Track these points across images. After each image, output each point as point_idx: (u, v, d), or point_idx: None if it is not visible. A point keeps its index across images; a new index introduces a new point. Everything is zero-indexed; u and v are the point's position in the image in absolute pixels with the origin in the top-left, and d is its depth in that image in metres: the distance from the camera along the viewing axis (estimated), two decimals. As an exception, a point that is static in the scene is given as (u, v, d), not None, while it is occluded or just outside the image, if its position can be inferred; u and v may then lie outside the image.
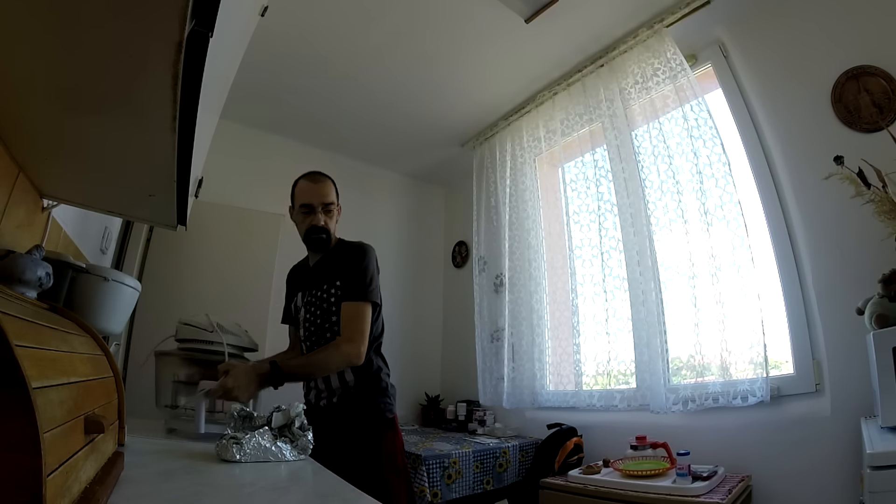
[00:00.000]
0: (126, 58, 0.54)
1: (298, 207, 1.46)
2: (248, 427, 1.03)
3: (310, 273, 1.53)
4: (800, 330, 1.78)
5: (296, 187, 1.49)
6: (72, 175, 0.96)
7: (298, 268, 1.64)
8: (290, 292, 1.61)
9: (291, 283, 1.64)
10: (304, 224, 1.45)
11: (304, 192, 1.46)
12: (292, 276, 1.66)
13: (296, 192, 1.48)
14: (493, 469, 2.31)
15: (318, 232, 1.43)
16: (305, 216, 1.44)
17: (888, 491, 0.95)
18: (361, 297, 1.37)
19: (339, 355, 1.30)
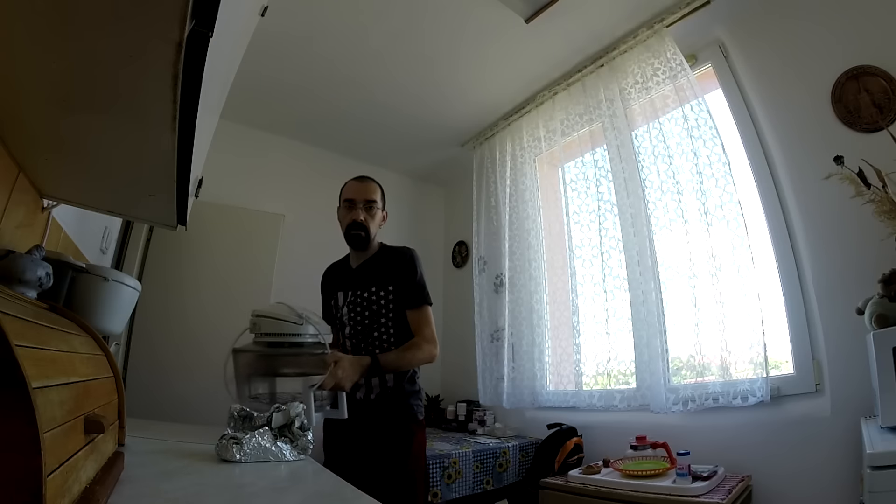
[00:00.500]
0: (126, 58, 0.54)
1: (342, 203, 1.53)
2: (248, 427, 1.03)
3: (353, 274, 1.56)
4: (800, 330, 1.78)
5: (343, 186, 1.58)
6: (72, 175, 0.96)
7: (337, 268, 1.65)
8: (329, 291, 1.62)
9: (330, 283, 1.64)
10: (346, 219, 1.51)
11: (349, 188, 1.54)
12: (331, 276, 1.66)
13: (342, 190, 1.57)
14: (493, 469, 2.31)
15: (357, 228, 1.49)
16: (347, 211, 1.50)
17: (888, 491, 0.95)
18: (424, 301, 1.50)
19: (425, 354, 1.42)
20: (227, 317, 2.64)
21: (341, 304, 1.54)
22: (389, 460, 1.34)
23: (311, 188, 3.44)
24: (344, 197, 1.54)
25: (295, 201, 3.30)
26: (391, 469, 1.33)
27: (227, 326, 2.81)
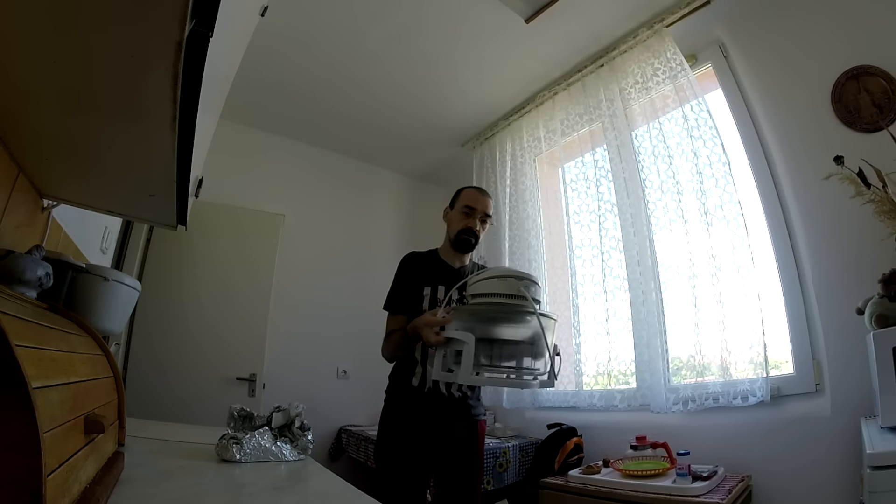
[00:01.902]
0: (126, 58, 0.54)
1: (461, 207, 1.57)
2: (248, 427, 1.03)
3: (455, 274, 1.56)
4: (800, 330, 1.78)
5: (462, 191, 1.63)
6: (72, 175, 0.96)
7: (430, 261, 1.60)
8: (420, 281, 1.54)
9: (423, 273, 1.56)
10: (462, 223, 1.55)
11: (471, 196, 1.59)
12: (423, 266, 1.58)
13: (461, 194, 1.62)
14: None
15: (471, 234, 1.55)
16: (465, 217, 1.56)
17: (888, 491, 0.95)
18: None
19: None
20: (226, 317, 2.67)
21: (442, 297, 1.51)
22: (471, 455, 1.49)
23: (312, 188, 3.44)
24: (463, 203, 1.58)
25: (295, 201, 3.30)
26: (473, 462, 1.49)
27: (227, 326, 2.83)
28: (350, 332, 3.35)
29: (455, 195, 1.65)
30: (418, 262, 1.60)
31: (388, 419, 1.49)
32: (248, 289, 2.76)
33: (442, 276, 1.55)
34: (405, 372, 1.48)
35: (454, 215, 1.60)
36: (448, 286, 1.51)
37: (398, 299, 1.54)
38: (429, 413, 1.44)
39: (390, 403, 1.51)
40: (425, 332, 1.20)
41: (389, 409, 1.50)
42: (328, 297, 3.30)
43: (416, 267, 1.58)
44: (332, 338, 3.26)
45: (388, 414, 1.50)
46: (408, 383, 1.46)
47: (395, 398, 1.50)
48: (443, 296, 1.50)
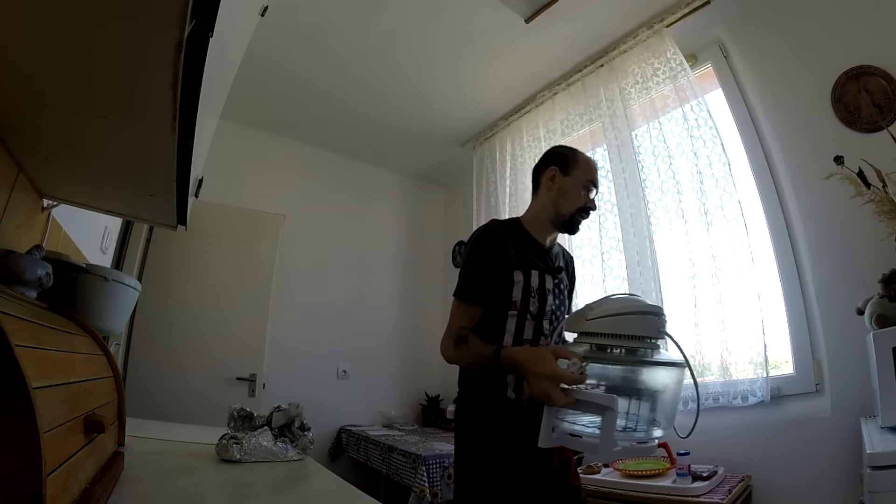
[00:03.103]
0: (126, 58, 0.54)
1: (582, 180, 1.23)
2: (248, 427, 1.03)
3: (546, 255, 1.25)
4: (800, 330, 1.78)
5: (579, 156, 1.27)
6: (72, 175, 0.96)
7: (518, 236, 1.23)
8: (510, 263, 1.17)
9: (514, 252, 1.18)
10: (581, 199, 1.22)
11: (593, 168, 1.26)
12: (513, 242, 1.20)
13: (580, 161, 1.26)
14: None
15: (586, 214, 1.25)
16: (585, 192, 1.23)
17: (888, 491, 0.95)
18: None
19: None
20: (226, 317, 2.67)
21: (549, 288, 1.20)
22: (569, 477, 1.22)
23: (312, 188, 3.45)
24: (587, 176, 1.24)
25: (295, 201, 3.30)
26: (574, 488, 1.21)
27: (227, 326, 2.83)
28: (350, 333, 3.35)
29: (566, 158, 1.27)
30: (506, 237, 1.20)
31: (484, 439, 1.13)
32: (248, 289, 2.76)
33: (535, 257, 1.21)
34: (495, 381, 1.14)
35: (571, 185, 1.23)
36: (542, 270, 1.19)
37: (480, 286, 1.15)
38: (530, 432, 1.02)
39: (483, 419, 1.15)
40: (549, 387, 0.86)
41: (484, 427, 1.14)
42: (328, 297, 3.30)
43: (505, 243, 1.18)
44: (332, 338, 3.26)
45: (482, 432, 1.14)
46: (502, 395, 1.13)
47: (488, 413, 1.14)
48: (537, 285, 1.17)
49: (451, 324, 1.18)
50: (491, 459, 1.11)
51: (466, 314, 1.16)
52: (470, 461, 1.15)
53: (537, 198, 1.29)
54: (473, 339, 1.11)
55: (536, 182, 1.31)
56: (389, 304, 3.63)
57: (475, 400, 1.18)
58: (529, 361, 0.92)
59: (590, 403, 0.81)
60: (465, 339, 1.11)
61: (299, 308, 3.14)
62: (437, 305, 3.89)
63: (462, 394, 1.23)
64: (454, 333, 1.14)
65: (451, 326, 1.17)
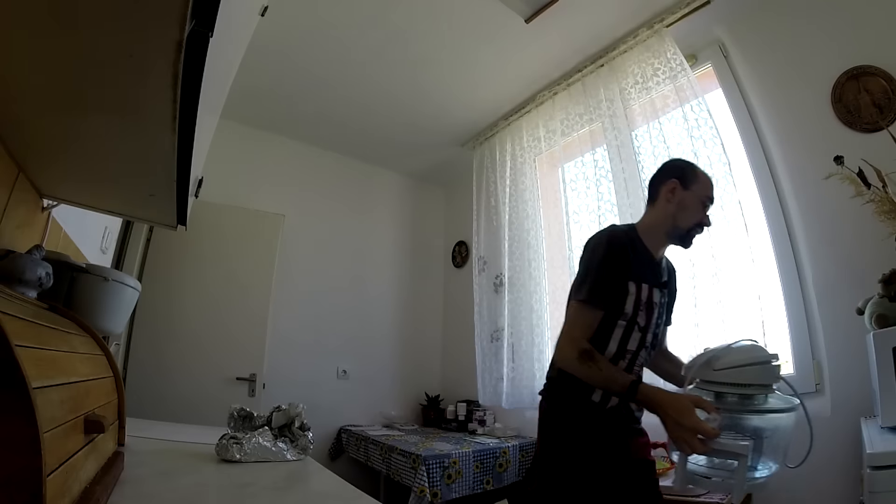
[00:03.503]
0: (126, 58, 0.54)
1: (702, 196, 1.25)
2: (248, 427, 1.03)
3: (657, 268, 1.27)
4: (800, 330, 1.78)
5: (699, 173, 1.28)
6: (72, 175, 0.96)
7: (635, 245, 1.23)
8: (627, 273, 1.18)
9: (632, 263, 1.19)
10: (698, 215, 1.24)
11: (711, 185, 1.27)
12: (632, 252, 1.20)
13: (700, 177, 1.27)
14: (493, 469, 2.31)
15: (702, 230, 1.25)
16: (702, 208, 1.24)
17: (888, 491, 0.95)
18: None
19: None
20: (226, 317, 2.67)
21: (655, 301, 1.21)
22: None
23: (312, 188, 3.45)
24: (706, 192, 1.25)
25: (295, 201, 3.30)
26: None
27: (227, 326, 2.83)
28: (350, 332, 3.35)
29: (687, 172, 1.27)
30: (628, 246, 1.20)
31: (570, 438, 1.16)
32: (248, 289, 2.76)
33: (648, 269, 1.23)
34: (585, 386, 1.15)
35: (691, 200, 1.23)
36: (651, 284, 1.21)
37: (605, 290, 1.14)
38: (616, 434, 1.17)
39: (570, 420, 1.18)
40: (690, 437, 0.90)
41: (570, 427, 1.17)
42: (328, 297, 3.31)
43: (627, 252, 1.19)
44: (333, 338, 3.26)
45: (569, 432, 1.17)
46: (587, 398, 1.16)
47: (574, 414, 1.18)
48: (646, 297, 1.19)
49: (572, 329, 1.15)
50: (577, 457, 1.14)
51: (588, 319, 1.15)
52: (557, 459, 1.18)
53: (654, 209, 1.29)
54: (601, 358, 1.10)
55: (654, 192, 1.30)
56: (389, 304, 3.63)
57: (562, 401, 1.21)
58: (673, 409, 0.94)
59: (724, 451, 0.88)
60: (593, 357, 1.09)
61: (299, 308, 3.14)
62: (437, 305, 3.89)
63: (549, 395, 1.24)
64: (577, 343, 1.12)
65: (572, 332, 1.14)
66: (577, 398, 1.18)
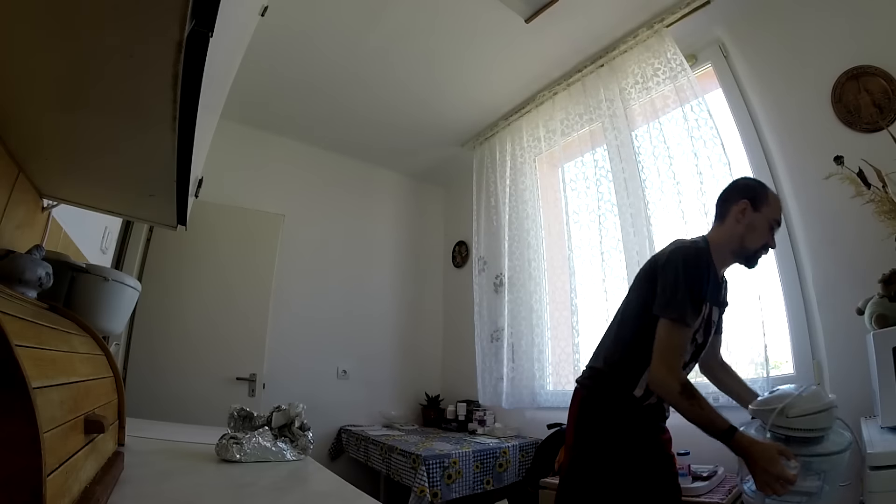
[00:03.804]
0: (126, 58, 0.54)
1: (771, 218, 1.26)
2: (248, 427, 1.03)
3: (721, 287, 1.32)
4: (800, 330, 1.78)
5: (770, 196, 1.28)
6: (72, 175, 0.96)
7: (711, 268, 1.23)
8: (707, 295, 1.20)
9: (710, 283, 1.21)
10: (764, 238, 1.26)
11: (780, 208, 1.28)
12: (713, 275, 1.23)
13: (770, 200, 1.27)
14: (493, 469, 2.31)
15: (767, 252, 1.29)
16: (768, 232, 1.26)
17: (888, 491, 0.95)
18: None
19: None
20: (226, 317, 2.67)
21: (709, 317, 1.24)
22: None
23: (312, 188, 3.45)
24: (776, 216, 1.26)
25: (295, 201, 3.30)
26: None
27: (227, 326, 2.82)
28: (350, 332, 3.35)
29: (760, 194, 1.27)
30: (708, 265, 1.22)
31: (615, 434, 1.20)
32: (248, 289, 2.76)
33: (715, 289, 1.25)
34: (629, 381, 1.20)
35: (760, 222, 1.25)
36: (713, 303, 1.24)
37: (695, 308, 1.15)
38: (651, 429, 1.23)
39: (614, 415, 1.21)
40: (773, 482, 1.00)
41: (615, 422, 1.21)
42: (328, 297, 3.31)
43: (710, 271, 1.21)
44: (332, 338, 3.26)
45: (613, 427, 1.20)
46: (629, 392, 1.20)
47: (619, 410, 1.21)
48: (707, 316, 1.22)
49: (667, 355, 1.14)
50: (615, 446, 1.19)
51: (681, 341, 1.16)
52: (595, 446, 1.21)
53: (723, 227, 1.30)
54: (701, 396, 1.12)
55: (724, 211, 1.31)
56: (389, 303, 3.63)
57: (606, 394, 1.24)
58: (763, 459, 1.03)
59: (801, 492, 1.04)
60: (694, 394, 1.11)
61: (299, 308, 3.14)
62: (437, 305, 3.89)
63: (594, 386, 1.27)
64: (677, 375, 1.12)
65: (668, 359, 1.14)
66: (620, 392, 1.21)
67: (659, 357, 1.14)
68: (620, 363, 1.22)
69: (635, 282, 1.32)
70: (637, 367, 1.19)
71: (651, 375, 1.15)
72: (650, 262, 1.30)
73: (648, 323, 1.18)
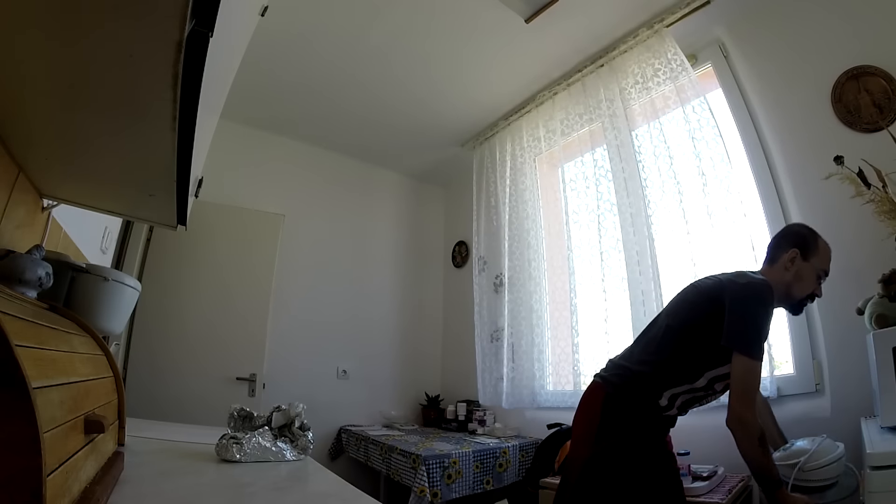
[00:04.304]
0: (126, 58, 0.54)
1: (819, 269, 1.29)
2: (248, 427, 1.03)
3: None
4: (800, 330, 1.78)
5: (820, 244, 1.31)
6: (72, 175, 0.96)
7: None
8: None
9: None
10: (811, 287, 1.29)
11: (829, 258, 1.31)
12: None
13: (821, 249, 1.31)
14: (493, 469, 2.31)
15: (813, 300, 1.32)
16: (816, 281, 1.29)
17: (888, 491, 0.95)
18: None
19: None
20: (226, 317, 2.67)
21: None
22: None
23: (312, 188, 3.45)
24: (824, 266, 1.30)
25: (295, 201, 3.30)
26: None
27: (227, 326, 2.83)
28: (350, 332, 3.35)
29: (809, 243, 1.31)
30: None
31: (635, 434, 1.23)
32: (248, 289, 2.76)
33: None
34: (657, 390, 1.23)
35: (808, 273, 1.28)
36: None
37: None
38: (663, 431, 1.30)
39: (637, 417, 1.24)
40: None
41: (636, 423, 1.24)
42: (328, 297, 3.31)
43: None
44: (332, 338, 3.26)
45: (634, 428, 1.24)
46: (654, 401, 1.23)
47: (643, 414, 1.25)
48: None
49: (752, 392, 1.14)
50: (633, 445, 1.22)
51: (758, 379, 1.16)
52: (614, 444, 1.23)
53: (772, 271, 1.32)
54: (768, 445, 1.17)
55: (775, 256, 1.34)
56: (389, 303, 3.63)
57: (633, 396, 1.26)
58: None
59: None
60: (766, 443, 1.15)
61: (299, 308, 3.14)
62: (437, 305, 3.89)
63: (622, 385, 1.28)
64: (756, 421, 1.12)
65: (752, 396, 1.14)
66: (648, 399, 1.24)
67: (743, 395, 1.13)
68: (654, 372, 1.23)
69: (689, 296, 1.31)
70: (669, 380, 1.21)
71: (733, 412, 1.14)
72: (714, 285, 1.27)
73: (694, 342, 1.20)
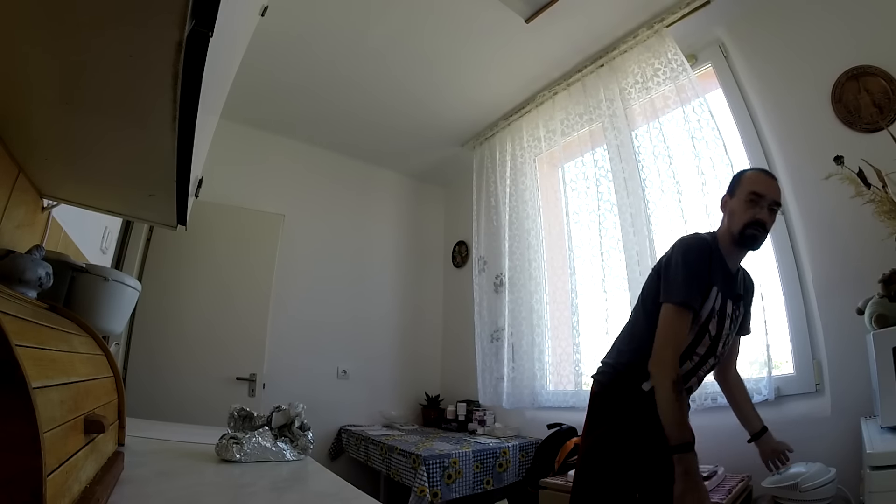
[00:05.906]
0: (126, 58, 0.54)
1: (746, 195, 1.27)
2: (248, 427, 1.03)
3: (733, 280, 1.32)
4: (800, 330, 1.78)
5: (744, 175, 1.33)
6: (72, 175, 0.96)
7: (714, 253, 1.27)
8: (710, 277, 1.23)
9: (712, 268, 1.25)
10: (746, 215, 1.25)
11: (756, 181, 1.29)
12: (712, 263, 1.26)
13: (744, 179, 1.31)
14: (493, 469, 2.31)
15: (759, 228, 1.25)
16: (750, 206, 1.25)
17: (888, 491, 0.95)
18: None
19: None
20: (226, 317, 2.67)
21: (728, 313, 1.27)
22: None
23: (311, 188, 3.45)
24: (749, 189, 1.26)
25: (295, 201, 3.30)
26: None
27: (227, 326, 2.83)
28: (350, 332, 3.35)
29: (735, 180, 1.34)
30: (709, 252, 1.26)
31: (622, 422, 1.25)
32: (247, 289, 2.76)
33: (724, 278, 1.28)
34: (639, 376, 1.23)
35: (736, 205, 1.29)
36: (725, 294, 1.26)
37: (697, 293, 1.19)
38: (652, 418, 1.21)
39: (622, 406, 1.27)
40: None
41: (622, 412, 1.27)
42: (328, 297, 3.31)
43: (711, 255, 1.25)
44: (332, 338, 3.26)
45: (620, 417, 1.26)
46: (637, 386, 1.24)
47: (627, 401, 1.27)
48: (719, 306, 1.24)
49: (672, 337, 1.17)
50: (621, 432, 1.25)
51: (683, 327, 1.18)
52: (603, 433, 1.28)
53: (719, 226, 1.37)
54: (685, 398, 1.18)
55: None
56: (389, 303, 3.63)
57: (617, 387, 1.30)
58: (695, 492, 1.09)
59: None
60: (682, 392, 1.15)
61: (299, 308, 3.14)
62: (437, 305, 3.89)
63: (605, 380, 1.33)
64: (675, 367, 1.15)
65: (672, 341, 1.17)
66: (630, 385, 1.26)
67: (662, 339, 1.17)
68: (632, 358, 1.27)
69: (646, 280, 1.36)
70: (647, 363, 1.22)
71: (654, 355, 1.18)
72: (660, 260, 1.34)
73: (657, 318, 1.21)
